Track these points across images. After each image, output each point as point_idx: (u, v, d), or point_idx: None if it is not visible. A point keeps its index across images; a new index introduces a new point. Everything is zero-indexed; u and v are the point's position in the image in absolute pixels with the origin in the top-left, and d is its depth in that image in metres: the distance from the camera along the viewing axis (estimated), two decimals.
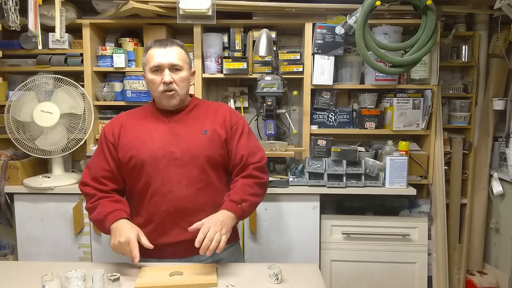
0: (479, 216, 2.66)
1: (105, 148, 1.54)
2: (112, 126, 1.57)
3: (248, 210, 1.49)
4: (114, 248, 1.38)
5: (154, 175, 1.48)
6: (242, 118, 1.63)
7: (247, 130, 1.61)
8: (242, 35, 2.52)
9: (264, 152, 1.62)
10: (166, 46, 1.50)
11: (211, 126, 1.54)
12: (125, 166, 1.52)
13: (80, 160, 2.48)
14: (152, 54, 1.50)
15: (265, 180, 1.57)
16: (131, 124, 1.57)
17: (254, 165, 1.54)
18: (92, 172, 1.54)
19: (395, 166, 2.33)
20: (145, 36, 2.48)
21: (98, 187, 1.51)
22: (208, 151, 1.50)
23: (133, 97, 2.49)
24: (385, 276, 2.39)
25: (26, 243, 2.35)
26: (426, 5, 2.00)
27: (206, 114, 1.58)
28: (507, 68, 2.60)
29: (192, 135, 1.52)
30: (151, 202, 1.50)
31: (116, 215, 1.43)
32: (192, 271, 1.35)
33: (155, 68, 1.50)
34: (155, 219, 1.50)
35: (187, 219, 1.47)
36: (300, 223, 2.33)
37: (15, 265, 1.68)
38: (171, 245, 1.50)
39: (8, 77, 2.62)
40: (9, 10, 1.83)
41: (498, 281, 2.56)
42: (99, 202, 1.48)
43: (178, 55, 1.51)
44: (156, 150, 1.49)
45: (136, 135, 1.53)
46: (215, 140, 1.53)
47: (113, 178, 1.54)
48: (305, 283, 1.33)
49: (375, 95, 2.55)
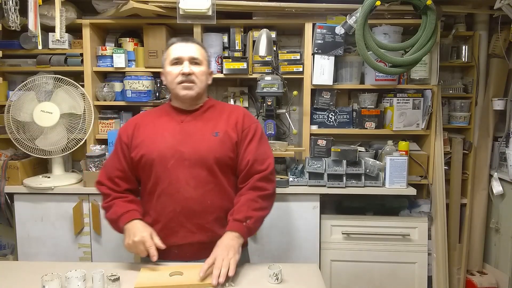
0: (479, 216, 2.66)
1: (119, 149, 1.56)
2: (127, 127, 1.59)
3: (254, 226, 1.46)
4: (128, 248, 1.42)
5: (162, 175, 1.48)
6: (256, 123, 1.59)
7: (259, 135, 1.56)
8: (242, 35, 2.52)
9: (273, 159, 1.56)
10: (188, 41, 1.54)
11: (223, 128, 1.52)
12: (137, 165, 1.53)
13: (80, 160, 2.48)
14: (174, 48, 1.53)
15: (270, 192, 1.52)
16: (145, 123, 1.57)
17: (259, 174, 1.49)
18: (108, 171, 1.57)
19: (395, 166, 2.33)
20: (145, 36, 2.48)
21: (112, 187, 1.54)
22: (217, 153, 1.48)
23: (133, 97, 2.49)
24: (385, 276, 2.39)
25: (26, 243, 2.35)
26: (426, 5, 2.00)
27: (219, 116, 1.56)
28: (507, 68, 2.60)
29: (203, 136, 1.50)
30: (158, 202, 1.50)
31: (129, 215, 1.46)
32: (192, 271, 1.35)
33: (175, 61, 1.51)
34: (162, 219, 1.49)
35: (194, 221, 1.47)
36: (300, 223, 2.33)
37: (15, 265, 1.69)
38: (177, 247, 1.50)
39: (8, 77, 2.62)
40: (9, 10, 1.83)
41: (498, 281, 2.56)
42: (114, 202, 1.51)
43: (198, 51, 1.53)
44: (166, 149, 1.48)
45: (148, 134, 1.53)
46: (226, 142, 1.50)
47: (126, 178, 1.55)
48: (305, 283, 1.33)
49: (375, 95, 2.55)
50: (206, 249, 1.43)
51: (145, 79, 2.47)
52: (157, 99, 2.51)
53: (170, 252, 1.49)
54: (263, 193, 1.49)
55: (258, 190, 1.48)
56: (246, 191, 1.49)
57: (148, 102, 2.51)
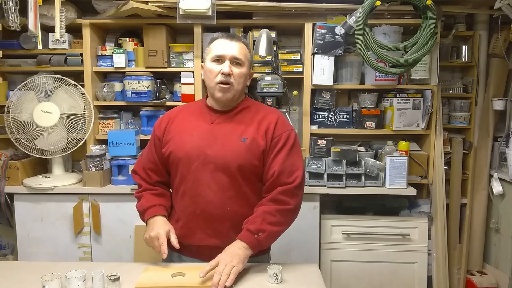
0: (479, 216, 2.66)
1: (152, 142, 1.58)
2: (161, 120, 1.59)
3: (265, 240, 1.39)
4: (146, 242, 1.45)
5: (187, 175, 1.47)
6: (290, 130, 1.50)
7: (290, 145, 1.47)
8: (242, 35, 2.52)
9: (302, 172, 1.47)
10: (232, 39, 1.48)
11: (252, 133, 1.46)
12: (167, 161, 1.53)
13: (80, 160, 2.48)
14: (217, 45, 1.48)
15: (292, 207, 1.43)
16: (179, 119, 1.56)
17: (284, 187, 1.42)
18: (142, 161, 1.59)
19: (395, 166, 2.33)
20: (145, 36, 2.48)
21: (145, 177, 1.57)
22: (242, 160, 1.43)
23: (133, 97, 2.49)
24: (385, 276, 2.39)
25: (26, 243, 2.35)
26: (426, 5, 2.00)
27: (251, 120, 1.50)
28: (507, 68, 2.60)
29: (230, 141, 1.45)
30: (182, 200, 1.50)
31: (154, 210, 1.48)
32: (194, 273, 1.34)
33: (217, 58, 1.46)
34: (183, 217, 1.50)
35: (212, 226, 1.46)
36: (300, 223, 2.32)
37: (15, 265, 1.68)
38: (195, 247, 1.50)
39: (8, 77, 2.62)
40: (9, 10, 1.83)
41: (498, 281, 2.56)
42: (143, 194, 1.54)
43: (241, 50, 1.47)
44: (191, 150, 1.46)
45: (179, 132, 1.52)
46: (253, 149, 1.44)
47: (157, 171, 1.56)
48: (305, 283, 1.33)
49: (375, 95, 2.55)
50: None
51: (145, 79, 2.47)
52: (157, 99, 2.51)
53: (190, 250, 1.50)
54: (283, 207, 1.41)
55: (278, 203, 1.42)
56: (266, 202, 1.43)
57: (148, 102, 2.51)
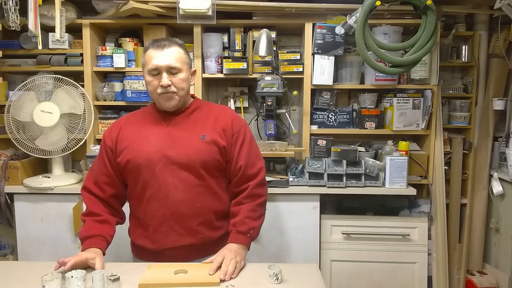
0: (479, 216, 2.66)
1: (103, 153, 1.55)
2: (111, 130, 1.57)
3: (256, 235, 1.52)
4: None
5: (150, 180, 1.47)
6: (244, 125, 1.58)
7: (249, 138, 1.57)
8: (242, 35, 2.52)
9: (263, 161, 1.60)
10: (163, 48, 1.45)
11: (210, 131, 1.50)
12: (123, 170, 1.52)
13: (80, 160, 2.48)
14: (150, 56, 1.46)
15: (266, 196, 1.58)
16: (130, 127, 1.55)
17: (254, 181, 1.53)
18: (94, 175, 1.56)
19: (395, 166, 2.33)
20: (145, 36, 2.48)
21: (97, 193, 1.53)
22: (205, 157, 1.47)
23: (133, 97, 2.49)
24: (385, 276, 2.39)
25: (26, 243, 2.35)
26: (426, 5, 2.00)
27: (206, 119, 1.54)
28: (507, 68, 2.60)
29: (190, 140, 1.48)
30: (148, 206, 1.49)
31: (91, 242, 1.45)
32: (197, 270, 1.36)
33: (153, 71, 1.46)
34: (152, 223, 1.49)
35: (184, 225, 1.47)
36: (300, 223, 2.33)
37: (15, 265, 1.68)
38: (168, 250, 1.50)
39: (8, 77, 2.62)
40: (9, 10, 1.83)
41: (498, 281, 2.56)
42: (85, 219, 1.51)
43: (176, 57, 1.46)
44: (152, 154, 1.47)
45: (134, 139, 1.51)
46: (213, 146, 1.49)
47: (112, 183, 1.54)
48: (305, 283, 1.33)
49: (375, 95, 2.55)
50: (196, 251, 1.49)
51: None
52: None
53: (162, 255, 1.49)
54: (260, 200, 1.54)
55: (255, 198, 1.53)
56: (244, 200, 1.52)
57: (148, 102, 2.51)
